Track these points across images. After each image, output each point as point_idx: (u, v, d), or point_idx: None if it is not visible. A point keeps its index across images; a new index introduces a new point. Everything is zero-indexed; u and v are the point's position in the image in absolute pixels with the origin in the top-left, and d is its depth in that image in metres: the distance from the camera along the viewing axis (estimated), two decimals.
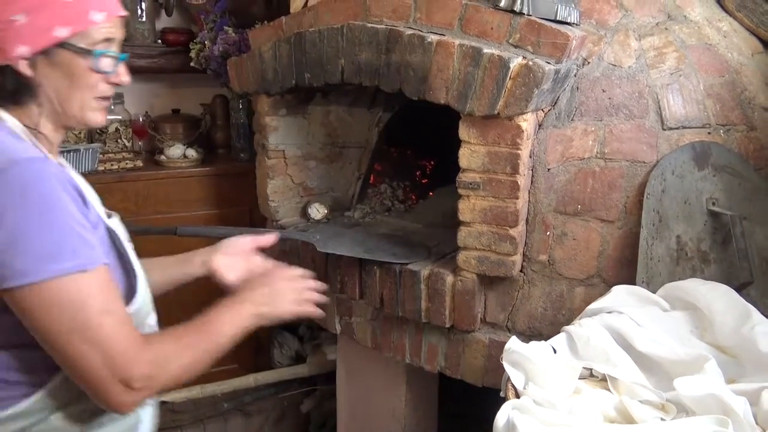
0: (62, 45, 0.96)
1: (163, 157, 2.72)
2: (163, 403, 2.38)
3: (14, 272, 0.86)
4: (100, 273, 0.92)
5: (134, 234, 2.50)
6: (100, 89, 1.03)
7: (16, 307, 0.89)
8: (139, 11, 2.76)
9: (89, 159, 2.32)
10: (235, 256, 1.36)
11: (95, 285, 0.91)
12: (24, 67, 0.95)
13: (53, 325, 0.88)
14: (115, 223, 1.13)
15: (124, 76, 1.06)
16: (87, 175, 2.38)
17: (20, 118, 0.98)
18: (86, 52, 0.98)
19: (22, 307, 0.89)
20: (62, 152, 2.19)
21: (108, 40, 1.01)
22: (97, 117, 1.06)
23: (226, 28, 2.57)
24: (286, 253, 2.29)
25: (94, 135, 2.70)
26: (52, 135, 1.03)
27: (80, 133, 2.63)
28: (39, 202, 0.87)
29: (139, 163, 2.67)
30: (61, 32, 0.95)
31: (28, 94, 0.97)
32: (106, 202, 2.57)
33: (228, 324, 1.12)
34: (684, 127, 1.62)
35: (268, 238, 1.39)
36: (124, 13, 1.05)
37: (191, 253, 1.39)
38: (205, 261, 1.35)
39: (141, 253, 2.70)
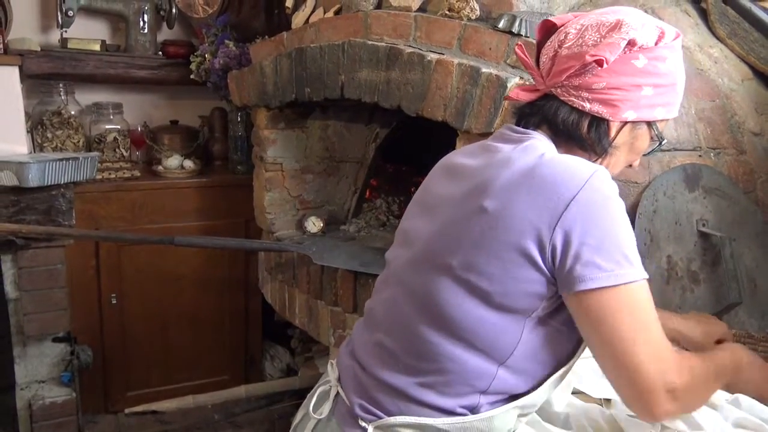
0: (649, 123, 1.04)
1: (160, 168, 2.73)
2: (153, 413, 2.38)
3: (604, 273, 0.88)
4: (647, 284, 0.92)
5: (131, 243, 2.53)
6: (627, 165, 1.11)
7: (585, 307, 0.90)
8: (141, 23, 2.79)
9: (87, 167, 2.33)
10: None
11: (649, 294, 0.92)
12: (615, 128, 1.02)
13: (622, 327, 0.88)
14: None
15: (639, 163, 1.13)
16: (84, 184, 2.40)
17: None
18: (658, 137, 1.06)
19: (594, 307, 0.89)
20: (61, 160, 2.22)
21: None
22: None
23: (227, 41, 2.61)
24: (281, 265, 2.31)
25: (92, 144, 2.72)
26: None
27: (78, 141, 2.65)
28: (619, 207, 0.92)
29: (137, 173, 2.69)
30: (659, 114, 1.03)
31: (601, 149, 1.03)
32: (102, 211, 2.59)
33: (728, 368, 1.05)
34: (675, 150, 1.65)
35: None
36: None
37: (691, 319, 1.31)
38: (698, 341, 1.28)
39: (138, 262, 2.72)
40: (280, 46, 2.13)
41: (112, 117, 2.75)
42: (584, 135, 1.01)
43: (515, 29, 1.54)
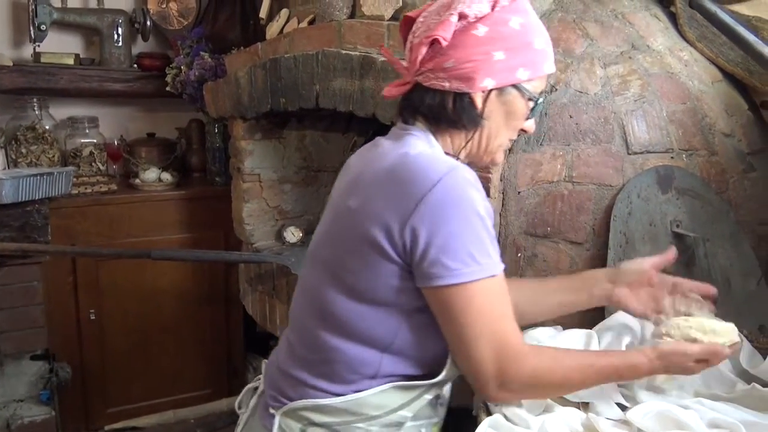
0: (516, 86, 1.05)
1: (137, 181, 2.71)
2: (133, 429, 2.35)
3: (449, 272, 0.93)
4: (501, 279, 0.98)
5: (108, 257, 2.51)
6: (515, 134, 1.13)
7: (438, 303, 0.96)
8: (116, 36, 2.77)
9: (63, 182, 2.31)
10: (638, 287, 1.25)
11: (500, 289, 0.97)
12: (479, 99, 1.03)
13: (467, 322, 0.95)
14: None
15: (533, 127, 1.15)
16: (60, 199, 2.38)
17: (444, 143, 1.07)
18: (531, 98, 1.07)
19: (446, 303, 0.95)
20: (35, 176, 2.19)
21: (541, 92, 1.11)
22: (501, 157, 1.15)
23: (202, 53, 2.60)
24: (261, 276, 2.30)
25: (68, 158, 2.69)
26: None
27: (54, 156, 2.62)
28: (470, 206, 0.95)
29: (114, 187, 2.67)
30: (523, 75, 1.04)
31: (471, 122, 1.05)
32: (79, 226, 2.56)
33: (621, 362, 1.05)
34: (648, 152, 1.67)
35: (664, 259, 1.28)
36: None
37: (582, 281, 1.30)
38: (607, 295, 1.25)
39: (116, 277, 2.69)
40: (255, 57, 2.13)
41: (87, 131, 2.73)
42: (451, 113, 1.04)
43: None
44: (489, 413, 1.14)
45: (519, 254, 1.65)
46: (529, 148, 1.66)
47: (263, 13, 2.28)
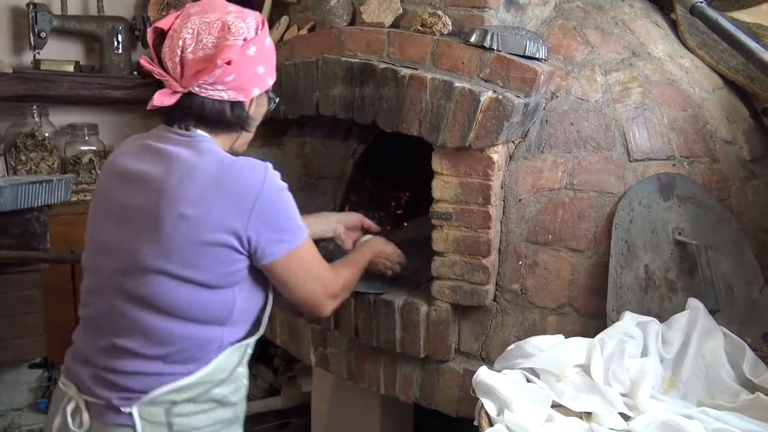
0: (266, 91, 1.31)
1: None
2: None
3: (288, 243, 1.22)
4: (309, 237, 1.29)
5: None
6: None
7: (279, 268, 1.23)
8: (115, 43, 2.77)
9: (62, 190, 2.30)
10: (350, 231, 1.80)
11: (311, 244, 1.29)
12: (247, 104, 1.27)
13: (297, 276, 1.26)
14: None
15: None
16: (59, 206, 2.37)
17: (221, 142, 1.28)
18: (271, 98, 1.36)
19: (286, 265, 1.24)
20: (34, 183, 2.18)
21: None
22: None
23: None
24: None
25: (67, 166, 2.69)
26: None
27: (53, 163, 2.62)
28: (285, 191, 1.24)
29: None
30: (270, 81, 1.31)
31: (245, 124, 1.29)
32: (78, 233, 2.54)
33: (364, 260, 1.60)
34: (649, 159, 1.66)
35: (371, 226, 1.85)
36: None
37: (325, 216, 1.84)
38: (334, 229, 1.78)
39: None
40: None
41: (87, 138, 2.73)
42: (230, 119, 1.26)
43: (487, 43, 1.55)
44: (491, 423, 1.14)
45: (520, 262, 1.64)
46: (530, 155, 1.66)
47: None
